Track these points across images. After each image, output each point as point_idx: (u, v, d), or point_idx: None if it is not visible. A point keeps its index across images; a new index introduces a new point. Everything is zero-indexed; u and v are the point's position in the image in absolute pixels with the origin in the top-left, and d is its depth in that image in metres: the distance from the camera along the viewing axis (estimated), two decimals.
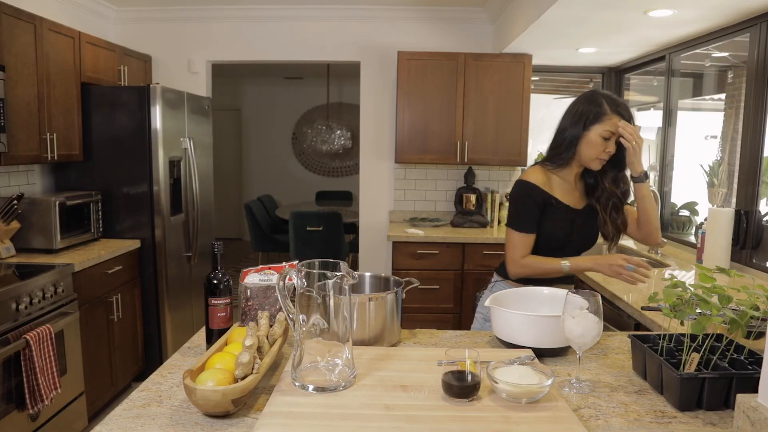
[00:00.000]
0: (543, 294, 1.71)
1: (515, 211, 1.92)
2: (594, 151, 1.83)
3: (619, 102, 1.84)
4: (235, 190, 8.66)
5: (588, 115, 1.82)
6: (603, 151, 1.82)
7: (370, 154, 4.50)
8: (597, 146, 1.82)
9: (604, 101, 1.82)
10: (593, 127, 1.81)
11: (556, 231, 1.89)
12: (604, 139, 1.81)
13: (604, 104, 1.81)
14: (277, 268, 1.52)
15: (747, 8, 2.61)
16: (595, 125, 1.81)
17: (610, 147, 1.82)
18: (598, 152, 1.82)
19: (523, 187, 1.90)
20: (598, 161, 1.85)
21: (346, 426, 1.08)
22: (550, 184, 1.91)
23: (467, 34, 4.35)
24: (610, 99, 1.83)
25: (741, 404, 1.01)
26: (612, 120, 1.80)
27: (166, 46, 4.39)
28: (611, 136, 1.80)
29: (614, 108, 1.81)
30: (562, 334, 1.33)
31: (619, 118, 1.80)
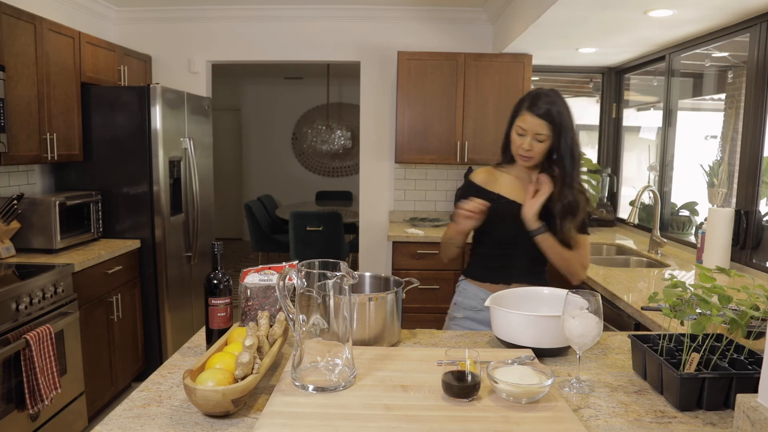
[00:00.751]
0: (543, 294, 1.71)
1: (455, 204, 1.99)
2: (513, 148, 1.89)
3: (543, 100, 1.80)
4: (235, 190, 8.67)
5: (513, 112, 1.89)
6: (519, 147, 1.85)
7: (370, 154, 4.50)
8: (514, 142, 1.87)
9: (526, 97, 1.86)
10: (513, 124, 1.88)
11: (500, 225, 1.91)
12: (518, 135, 1.85)
13: (524, 101, 1.85)
14: (277, 268, 1.52)
15: (747, 8, 2.61)
16: (514, 122, 1.87)
17: (525, 144, 1.83)
18: (515, 148, 1.87)
19: (464, 187, 2.03)
20: (520, 158, 1.88)
21: (346, 426, 1.08)
22: (496, 181, 1.97)
23: (467, 34, 4.35)
24: (533, 96, 1.83)
25: (741, 404, 1.01)
26: (523, 116, 1.82)
27: (166, 46, 4.39)
28: (524, 132, 1.83)
29: (527, 104, 1.82)
30: (562, 334, 1.33)
31: (531, 115, 1.80)
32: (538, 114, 1.79)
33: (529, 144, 1.82)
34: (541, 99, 1.81)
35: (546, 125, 1.80)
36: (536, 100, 1.81)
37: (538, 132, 1.80)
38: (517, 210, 1.89)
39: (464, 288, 2.06)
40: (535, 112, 1.80)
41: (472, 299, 2.00)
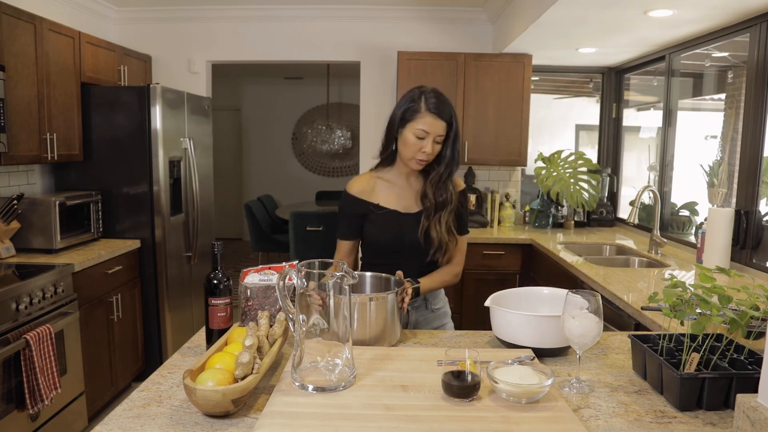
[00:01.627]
0: (543, 294, 1.71)
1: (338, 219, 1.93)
2: (409, 151, 1.75)
3: (441, 101, 1.74)
4: (235, 190, 8.67)
5: (405, 112, 1.76)
6: (419, 151, 1.74)
7: (370, 154, 4.46)
8: (412, 146, 1.74)
9: (421, 97, 1.74)
10: (408, 125, 1.74)
11: (382, 236, 1.84)
12: (418, 138, 1.73)
13: (419, 101, 1.73)
14: (277, 268, 1.52)
15: (747, 8, 2.61)
16: (409, 123, 1.74)
17: (426, 147, 1.72)
18: (414, 152, 1.75)
19: (342, 198, 1.91)
20: (415, 161, 1.77)
21: (346, 426, 1.08)
22: (373, 190, 1.87)
23: (467, 34, 4.35)
24: (431, 96, 1.74)
25: (741, 404, 1.01)
26: (425, 119, 1.71)
27: (166, 46, 4.39)
28: (425, 135, 1.72)
29: (427, 105, 1.72)
30: (562, 334, 1.33)
31: (434, 117, 1.71)
32: (439, 115, 1.72)
33: (431, 147, 1.73)
34: (441, 100, 1.74)
35: (445, 126, 1.74)
36: (432, 100, 1.73)
37: (439, 134, 1.73)
38: (395, 218, 1.84)
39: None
40: (441, 115, 1.72)
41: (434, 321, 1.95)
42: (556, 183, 4.09)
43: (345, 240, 1.91)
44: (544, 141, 5.12)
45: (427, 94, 1.75)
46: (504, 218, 4.31)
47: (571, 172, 4.13)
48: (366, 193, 1.87)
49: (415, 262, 1.84)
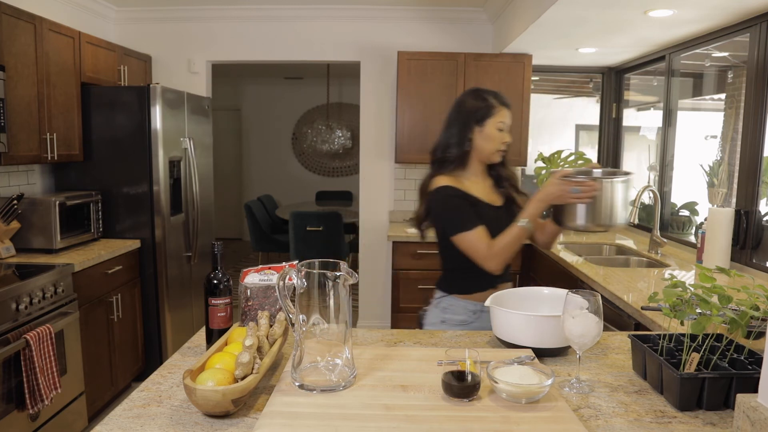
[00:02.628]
0: (543, 294, 1.71)
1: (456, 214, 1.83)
2: (493, 144, 1.89)
3: (498, 93, 1.93)
4: (235, 190, 8.67)
5: (479, 113, 1.88)
6: (501, 142, 1.90)
7: (370, 154, 4.49)
8: (495, 139, 1.89)
9: (488, 96, 1.90)
10: (487, 122, 1.88)
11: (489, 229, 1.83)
12: (499, 130, 1.89)
13: (489, 98, 1.89)
14: (277, 268, 1.52)
15: (747, 8, 2.61)
16: (488, 119, 1.87)
17: (507, 137, 1.91)
18: (498, 144, 1.89)
19: (445, 190, 1.85)
20: (498, 153, 1.91)
21: (346, 426, 1.08)
22: (464, 185, 1.89)
23: (467, 34, 4.35)
24: (491, 93, 1.92)
25: (741, 404, 1.01)
26: (502, 111, 1.88)
27: (166, 46, 4.39)
28: (504, 126, 1.89)
29: (499, 100, 1.90)
30: (562, 334, 1.33)
31: (506, 109, 1.89)
32: (509, 107, 1.91)
33: (508, 137, 1.91)
34: (497, 94, 1.92)
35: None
36: (499, 96, 1.91)
37: (510, 124, 1.91)
38: (494, 212, 1.89)
39: (450, 304, 1.95)
40: (509, 107, 1.91)
41: (461, 314, 1.93)
42: None
43: (480, 226, 1.81)
44: (544, 141, 5.12)
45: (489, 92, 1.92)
46: None
47: None
48: (462, 187, 1.90)
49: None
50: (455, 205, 1.84)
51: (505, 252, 1.78)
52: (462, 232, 1.81)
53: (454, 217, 1.84)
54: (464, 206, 1.83)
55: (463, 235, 1.81)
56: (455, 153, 1.90)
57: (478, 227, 1.80)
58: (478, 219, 1.82)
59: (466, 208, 1.83)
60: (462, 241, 1.82)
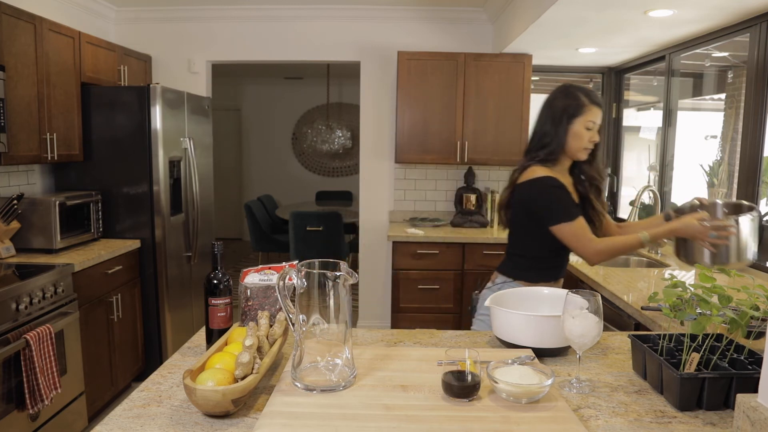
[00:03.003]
0: (543, 294, 1.71)
1: (558, 204, 1.89)
2: (581, 143, 1.93)
3: (590, 92, 1.95)
4: (235, 190, 8.66)
5: (569, 110, 1.92)
6: (588, 141, 1.93)
7: (370, 154, 4.49)
8: (583, 137, 1.92)
9: (580, 93, 1.93)
10: (576, 120, 1.91)
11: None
12: (587, 129, 1.92)
13: (581, 96, 1.92)
14: (277, 268, 1.52)
15: (747, 8, 2.61)
16: (577, 118, 1.91)
17: (594, 136, 1.93)
18: (584, 143, 1.93)
19: (549, 180, 1.90)
20: (584, 151, 1.95)
21: (345, 426, 1.08)
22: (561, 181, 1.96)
23: (467, 34, 4.35)
24: (584, 90, 1.94)
25: (741, 404, 1.01)
26: (592, 110, 1.91)
27: (166, 46, 4.39)
28: (593, 125, 1.92)
29: (590, 99, 1.92)
30: (562, 334, 1.33)
31: (597, 108, 1.92)
32: (601, 106, 1.93)
33: (596, 136, 1.94)
34: (589, 92, 1.93)
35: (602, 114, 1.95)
36: (592, 94, 1.93)
37: (600, 122, 1.94)
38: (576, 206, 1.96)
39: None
40: (601, 105, 1.93)
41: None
42: None
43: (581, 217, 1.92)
44: None
45: (581, 89, 1.94)
46: None
47: None
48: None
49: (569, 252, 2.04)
50: (558, 196, 1.90)
51: (611, 253, 1.88)
52: (566, 221, 1.87)
53: (557, 206, 1.89)
54: (567, 197, 1.92)
55: (566, 224, 1.87)
56: (547, 148, 1.96)
57: (580, 217, 1.89)
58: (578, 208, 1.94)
59: (568, 199, 1.92)
60: (564, 230, 1.88)
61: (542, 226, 1.92)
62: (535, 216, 1.94)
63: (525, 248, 2.03)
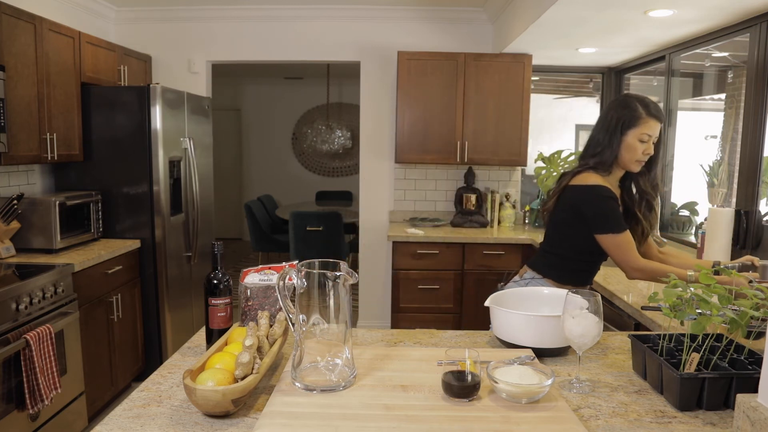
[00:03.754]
0: (543, 294, 1.71)
1: (609, 214, 1.88)
2: (633, 155, 1.89)
3: (650, 103, 1.89)
4: (235, 190, 8.66)
5: (623, 120, 1.89)
6: (642, 153, 1.89)
7: (370, 154, 4.49)
8: (636, 149, 1.88)
9: (638, 105, 1.88)
10: (630, 132, 1.88)
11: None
12: (641, 141, 1.87)
13: (638, 108, 1.88)
14: (277, 268, 1.52)
15: (747, 8, 2.61)
16: (631, 129, 1.88)
17: (648, 149, 1.89)
18: (637, 155, 1.89)
19: (603, 190, 1.89)
20: (637, 163, 1.91)
21: (345, 426, 1.08)
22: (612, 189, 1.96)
23: (467, 34, 4.35)
24: (642, 102, 1.89)
25: (741, 404, 1.01)
26: (648, 123, 1.86)
27: (166, 46, 4.39)
28: (648, 138, 1.87)
29: (647, 111, 1.87)
30: (562, 334, 1.33)
31: (655, 121, 1.87)
32: (660, 119, 1.88)
33: (650, 148, 1.89)
34: (647, 103, 1.88)
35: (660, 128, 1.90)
36: (650, 106, 1.88)
37: (656, 135, 1.89)
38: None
39: (538, 285, 2.02)
40: (660, 118, 1.88)
41: None
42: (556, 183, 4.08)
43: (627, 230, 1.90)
44: (544, 141, 5.12)
45: (639, 100, 1.89)
46: (504, 218, 4.31)
47: None
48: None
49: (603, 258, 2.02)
50: (611, 207, 1.89)
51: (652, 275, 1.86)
52: (613, 233, 1.87)
53: (608, 216, 1.89)
54: (617, 208, 1.91)
55: (614, 236, 1.87)
56: (598, 156, 1.94)
57: (627, 231, 1.89)
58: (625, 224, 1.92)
59: (618, 210, 1.91)
60: (609, 240, 1.88)
61: (588, 230, 1.91)
62: (583, 219, 1.93)
63: (563, 248, 2.02)
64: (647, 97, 1.93)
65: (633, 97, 1.92)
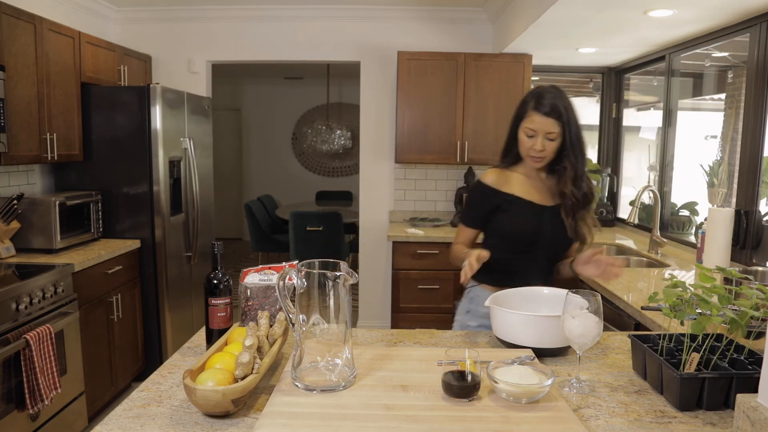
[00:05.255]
0: (543, 294, 1.71)
1: (464, 205, 1.98)
2: (523, 149, 1.85)
3: (549, 99, 1.78)
4: (235, 190, 8.66)
5: (519, 111, 1.86)
6: (530, 149, 1.81)
7: (370, 154, 4.49)
8: (524, 144, 1.84)
9: (531, 98, 1.82)
10: (520, 125, 1.84)
11: (519, 227, 1.87)
12: (528, 136, 1.81)
13: (529, 101, 1.82)
14: (277, 268, 1.52)
15: (747, 8, 2.61)
16: (521, 122, 1.84)
17: (536, 145, 1.80)
18: (526, 150, 1.83)
19: (476, 186, 1.97)
20: (531, 159, 1.85)
21: (345, 426, 1.08)
22: (508, 182, 1.89)
23: (467, 34, 4.35)
24: (538, 95, 1.80)
25: (741, 404, 1.01)
26: (531, 117, 1.79)
27: (166, 46, 4.39)
28: (534, 133, 1.79)
29: (534, 104, 1.79)
30: (562, 334, 1.33)
31: (539, 116, 1.77)
32: (545, 113, 1.77)
33: (541, 144, 1.80)
34: (545, 97, 1.79)
35: (555, 123, 1.78)
36: (541, 99, 1.79)
37: (548, 131, 1.78)
38: (533, 209, 1.87)
39: (477, 295, 1.96)
40: (542, 111, 1.78)
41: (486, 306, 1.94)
42: None
43: (469, 228, 1.95)
44: None
45: (539, 92, 1.82)
46: None
47: None
48: (501, 184, 1.89)
49: (547, 254, 1.91)
50: (469, 198, 1.96)
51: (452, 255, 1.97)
52: (460, 222, 1.98)
53: (465, 207, 1.97)
54: (476, 201, 1.93)
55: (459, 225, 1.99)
56: (506, 150, 1.95)
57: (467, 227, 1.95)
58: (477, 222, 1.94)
59: (476, 204, 1.93)
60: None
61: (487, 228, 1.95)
62: None
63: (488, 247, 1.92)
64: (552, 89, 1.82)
65: (535, 91, 1.84)
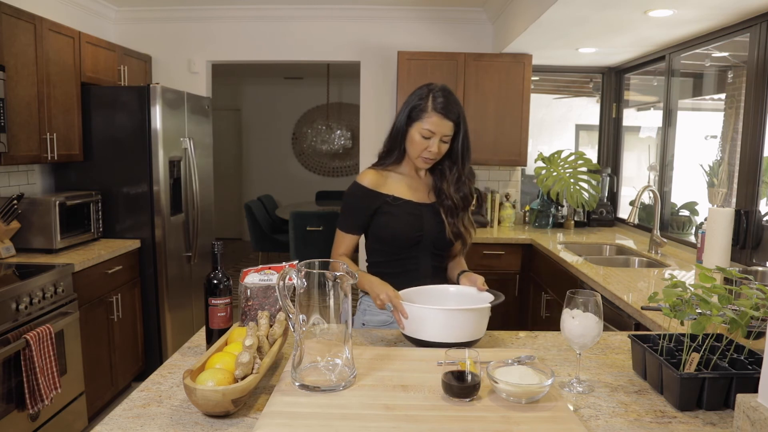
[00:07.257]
0: (449, 291, 1.72)
1: (342, 211, 1.85)
2: (416, 150, 1.75)
3: (449, 100, 1.72)
4: (235, 190, 8.66)
5: (413, 111, 1.74)
6: (425, 150, 1.74)
7: (370, 154, 4.48)
8: (418, 145, 1.74)
9: (431, 96, 1.72)
10: (415, 124, 1.73)
11: (399, 227, 1.79)
12: (424, 138, 1.72)
13: (428, 100, 1.72)
14: (277, 268, 1.52)
15: (747, 8, 2.61)
16: (416, 122, 1.73)
17: (432, 147, 1.72)
18: (420, 151, 1.74)
19: (351, 189, 1.84)
20: (421, 160, 1.77)
21: (345, 426, 1.08)
22: (385, 182, 1.82)
23: (467, 34, 4.35)
24: (439, 95, 1.72)
25: (741, 404, 1.01)
26: (432, 119, 1.70)
27: (166, 46, 4.39)
28: (431, 135, 1.71)
29: (434, 104, 1.71)
30: (473, 327, 1.35)
31: (440, 117, 1.70)
32: (445, 115, 1.70)
33: (437, 146, 1.72)
34: (446, 98, 1.72)
35: (453, 126, 1.73)
36: (446, 102, 1.71)
37: (446, 134, 1.72)
38: (413, 209, 1.81)
39: (368, 305, 1.87)
40: (448, 116, 1.71)
41: (380, 314, 1.84)
42: (556, 183, 4.09)
43: (349, 233, 1.84)
44: (544, 141, 5.12)
45: (435, 92, 1.73)
46: (504, 218, 4.31)
47: (571, 172, 4.13)
48: (379, 185, 1.81)
49: (431, 253, 1.85)
50: (346, 202, 1.85)
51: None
52: (337, 225, 1.85)
53: (342, 211, 1.86)
54: (352, 205, 1.83)
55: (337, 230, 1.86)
56: (392, 150, 1.82)
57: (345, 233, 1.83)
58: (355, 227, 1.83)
59: (352, 207, 1.83)
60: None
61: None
62: None
63: (368, 254, 1.91)
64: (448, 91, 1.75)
65: (431, 88, 1.74)
